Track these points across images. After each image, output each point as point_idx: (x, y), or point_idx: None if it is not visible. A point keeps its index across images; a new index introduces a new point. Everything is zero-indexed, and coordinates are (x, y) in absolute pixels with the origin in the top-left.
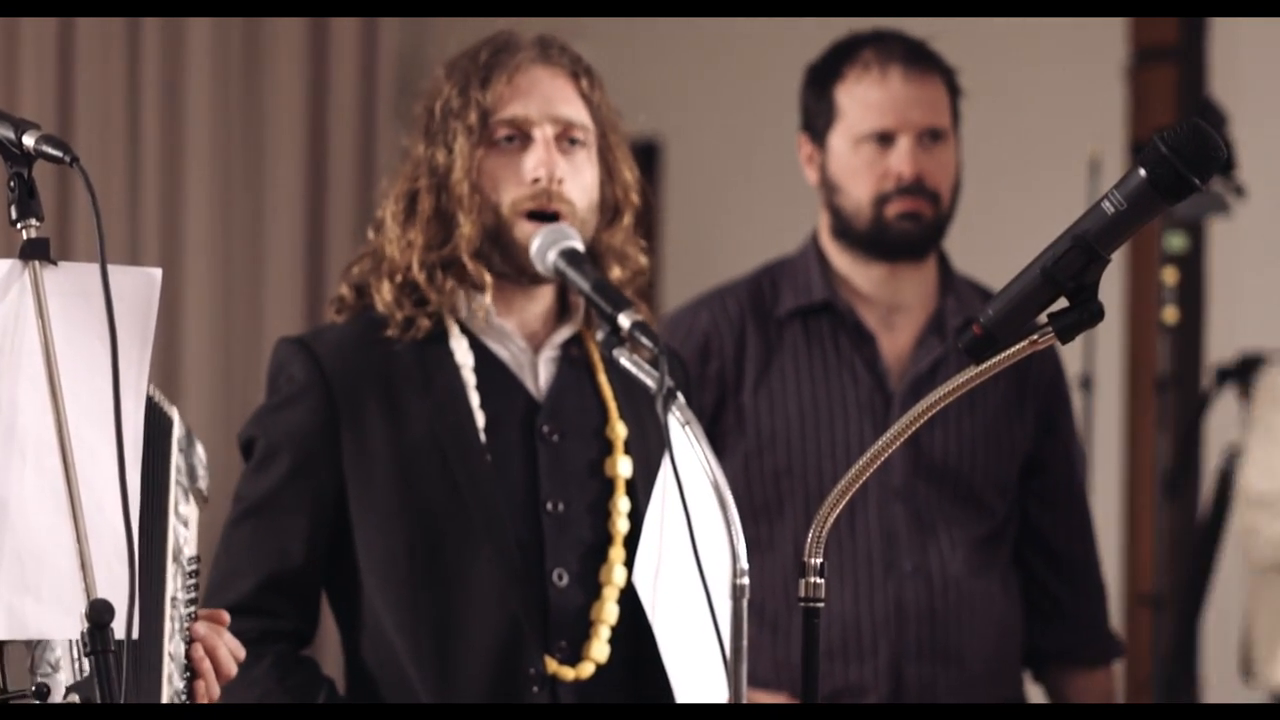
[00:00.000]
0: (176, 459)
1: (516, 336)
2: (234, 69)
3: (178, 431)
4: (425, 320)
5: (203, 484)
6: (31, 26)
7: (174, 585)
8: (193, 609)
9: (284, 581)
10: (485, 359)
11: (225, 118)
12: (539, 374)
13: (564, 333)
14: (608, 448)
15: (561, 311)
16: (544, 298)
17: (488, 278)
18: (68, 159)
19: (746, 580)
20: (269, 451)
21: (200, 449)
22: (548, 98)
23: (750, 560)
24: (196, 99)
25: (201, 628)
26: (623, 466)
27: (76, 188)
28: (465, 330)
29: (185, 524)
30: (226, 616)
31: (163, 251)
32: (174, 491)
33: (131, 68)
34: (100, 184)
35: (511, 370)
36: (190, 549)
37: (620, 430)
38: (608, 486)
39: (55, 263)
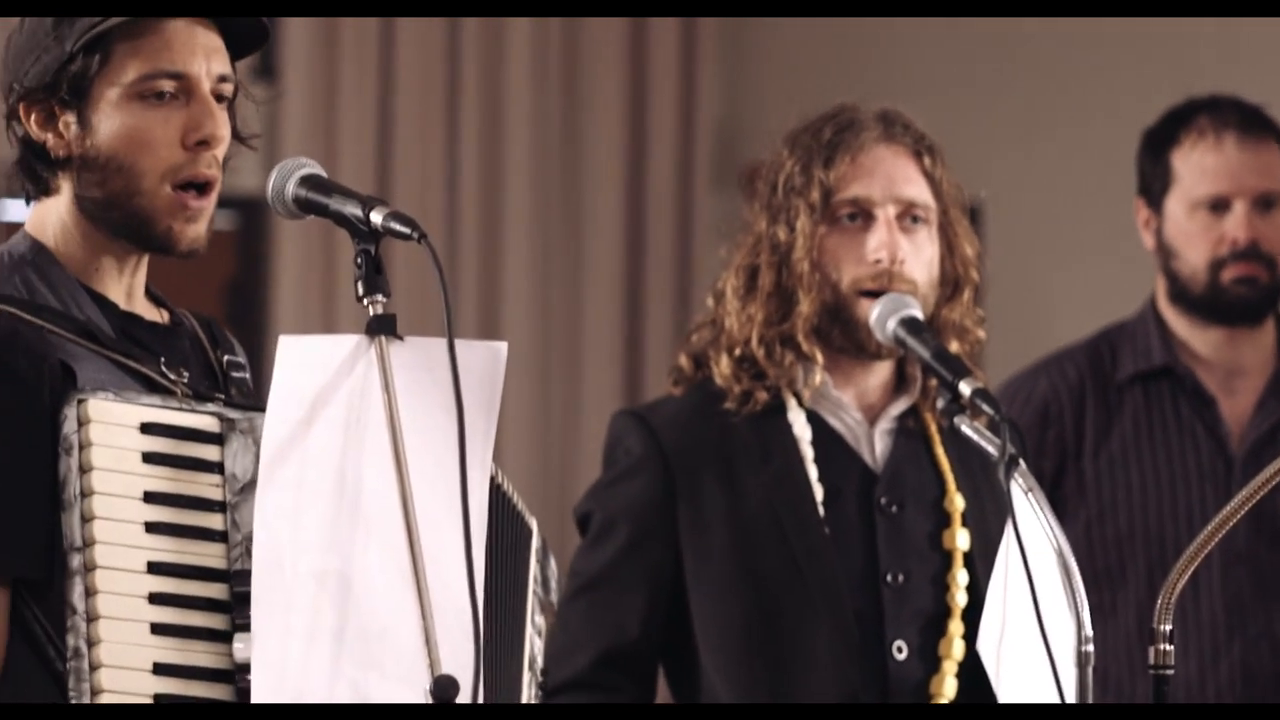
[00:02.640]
0: (534, 569)
1: (852, 408)
2: (552, 137)
3: (536, 542)
4: (763, 393)
5: (554, 596)
6: (351, 106)
7: (528, 693)
8: None
9: (621, 656)
10: (822, 431)
11: (544, 184)
12: (875, 445)
13: (901, 404)
14: (945, 520)
15: (898, 383)
16: (882, 370)
17: (820, 357)
18: (415, 236)
19: (1091, 648)
20: (606, 525)
21: (554, 563)
22: (891, 178)
23: (1093, 627)
24: (515, 169)
25: None
26: (960, 539)
27: (395, 259)
28: (801, 403)
29: (539, 634)
30: None
31: (480, 318)
32: (531, 600)
33: (449, 137)
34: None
35: (848, 442)
36: (541, 659)
37: (958, 502)
38: (946, 559)
39: (402, 338)
